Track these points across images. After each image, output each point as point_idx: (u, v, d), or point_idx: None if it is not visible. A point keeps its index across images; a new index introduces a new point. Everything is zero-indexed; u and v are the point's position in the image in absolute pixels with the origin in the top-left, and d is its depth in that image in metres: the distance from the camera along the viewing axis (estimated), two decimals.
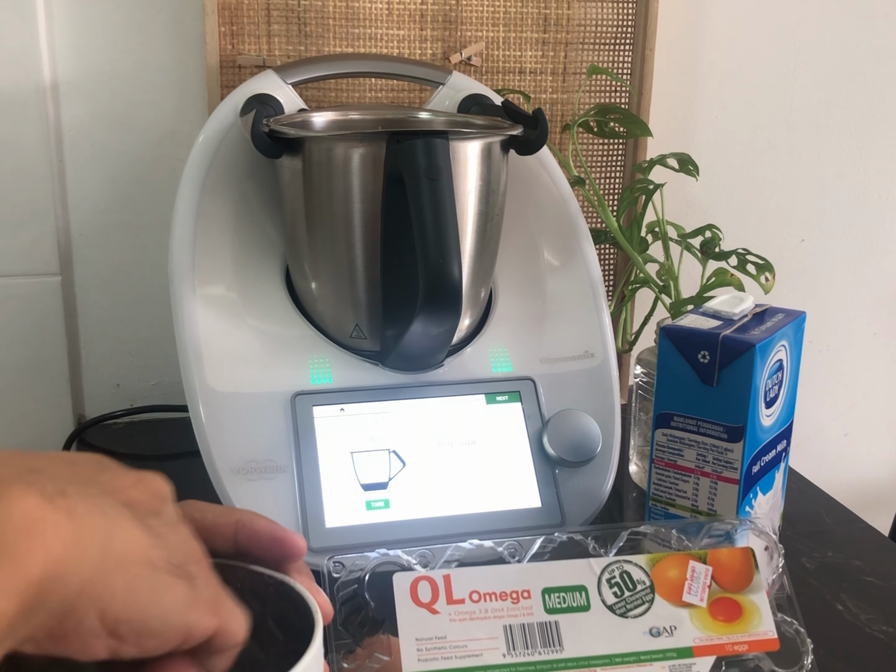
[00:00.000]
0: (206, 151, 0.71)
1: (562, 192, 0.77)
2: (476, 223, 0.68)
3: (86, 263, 0.90)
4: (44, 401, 0.91)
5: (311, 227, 0.68)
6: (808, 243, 1.10)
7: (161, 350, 0.93)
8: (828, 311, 1.12)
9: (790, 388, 0.63)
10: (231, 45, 0.84)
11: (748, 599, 0.51)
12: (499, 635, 0.48)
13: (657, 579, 0.51)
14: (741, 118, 1.04)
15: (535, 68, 0.92)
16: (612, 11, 0.92)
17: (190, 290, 0.68)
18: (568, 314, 0.75)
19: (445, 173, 0.60)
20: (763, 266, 0.77)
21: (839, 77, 1.05)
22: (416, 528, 0.64)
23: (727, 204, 1.06)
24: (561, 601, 0.50)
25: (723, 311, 0.61)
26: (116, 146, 0.88)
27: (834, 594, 0.67)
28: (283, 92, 0.75)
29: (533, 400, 0.71)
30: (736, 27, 1.01)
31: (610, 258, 0.98)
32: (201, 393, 0.66)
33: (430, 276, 0.59)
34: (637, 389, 0.80)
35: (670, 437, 0.60)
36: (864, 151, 1.08)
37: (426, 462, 0.67)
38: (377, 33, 0.88)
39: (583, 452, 0.68)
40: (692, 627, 0.50)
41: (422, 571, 0.50)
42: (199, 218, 0.70)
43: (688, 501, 0.61)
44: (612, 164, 0.96)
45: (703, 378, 0.58)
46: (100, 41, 0.86)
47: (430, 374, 0.70)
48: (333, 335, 0.71)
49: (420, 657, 0.47)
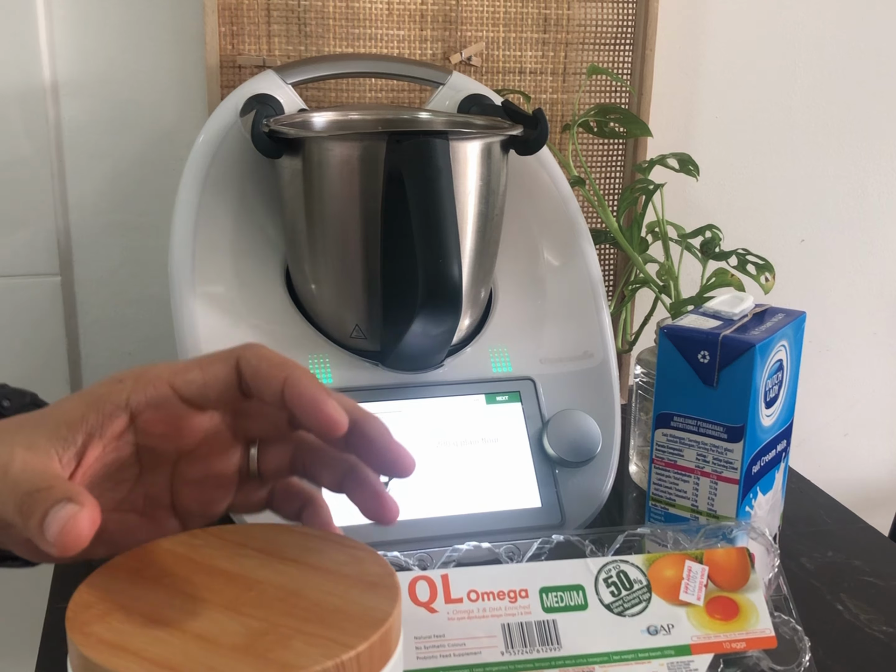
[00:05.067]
0: (206, 151, 0.71)
1: (562, 192, 0.77)
2: (476, 223, 0.68)
3: (86, 263, 0.91)
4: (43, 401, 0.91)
5: (311, 227, 0.68)
6: (808, 243, 1.10)
7: (161, 350, 0.93)
8: (828, 311, 1.12)
9: (790, 388, 0.63)
10: (231, 45, 0.84)
11: (745, 598, 0.51)
12: (497, 634, 0.48)
13: (654, 579, 0.51)
14: (741, 118, 1.04)
15: (535, 68, 0.92)
16: (612, 11, 0.92)
17: (190, 290, 0.68)
18: (568, 314, 0.75)
19: (445, 173, 0.61)
20: (763, 266, 0.77)
21: (839, 77, 1.05)
22: (415, 528, 0.64)
23: (727, 204, 1.06)
24: (558, 600, 0.50)
25: (723, 311, 0.61)
26: (116, 146, 0.89)
27: (834, 594, 0.67)
28: (283, 92, 0.75)
29: (533, 400, 0.71)
30: (736, 27, 1.01)
31: (610, 258, 0.98)
32: None
33: (430, 276, 0.59)
34: (637, 389, 0.80)
35: (670, 437, 0.61)
36: (864, 151, 1.08)
37: (426, 462, 0.67)
38: (377, 33, 0.88)
39: (583, 452, 0.69)
40: (689, 626, 0.50)
41: (420, 571, 0.50)
42: (199, 218, 0.70)
43: (688, 501, 0.61)
44: (612, 164, 0.96)
45: (703, 378, 0.58)
46: (100, 41, 0.86)
47: (430, 374, 0.70)
48: (333, 335, 0.71)
49: (419, 655, 0.47)
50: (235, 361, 0.38)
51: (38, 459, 0.35)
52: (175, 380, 0.38)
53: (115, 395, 0.38)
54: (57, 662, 0.49)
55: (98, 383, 0.39)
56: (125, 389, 0.38)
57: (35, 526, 0.33)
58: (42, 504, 0.33)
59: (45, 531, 0.32)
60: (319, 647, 0.31)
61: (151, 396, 0.38)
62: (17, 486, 0.34)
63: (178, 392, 0.38)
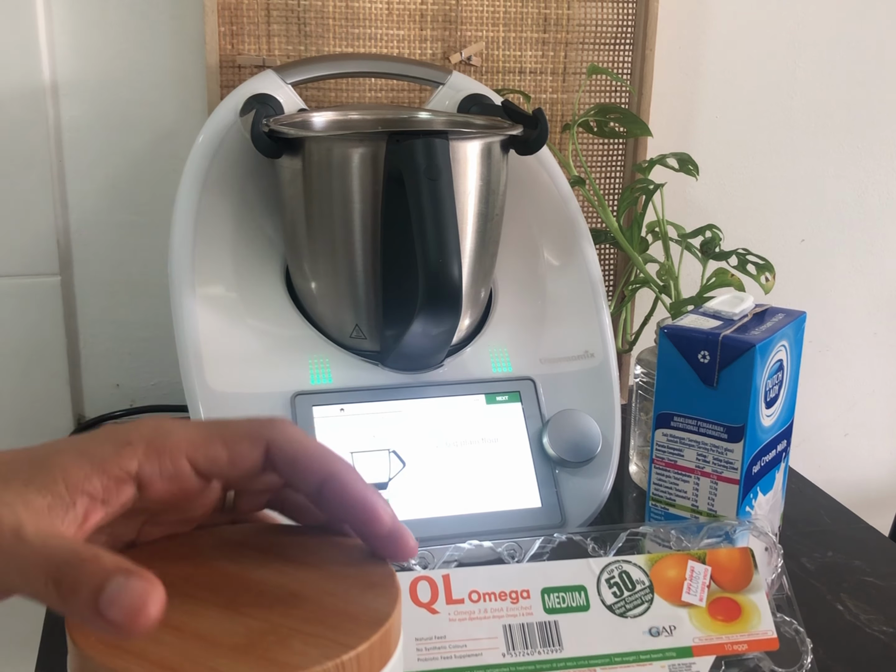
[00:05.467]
0: (206, 151, 0.71)
1: (562, 192, 0.77)
2: (476, 223, 0.68)
3: (86, 263, 0.90)
4: (44, 401, 0.91)
5: (310, 227, 0.68)
6: (808, 243, 1.10)
7: (161, 350, 0.93)
8: (828, 311, 1.12)
9: (790, 389, 0.63)
10: (231, 45, 0.84)
11: (747, 599, 0.51)
12: (498, 635, 0.48)
13: (656, 579, 0.51)
14: (741, 118, 1.04)
15: (535, 68, 0.92)
16: (612, 11, 0.92)
17: (190, 290, 0.68)
18: (568, 314, 0.75)
19: (445, 173, 0.60)
20: (763, 266, 0.77)
21: (839, 77, 1.05)
22: (416, 528, 0.63)
23: (727, 204, 1.06)
24: (560, 601, 0.50)
25: (723, 311, 0.61)
26: (116, 146, 0.88)
27: (834, 594, 0.67)
28: (283, 92, 0.75)
29: (533, 400, 0.71)
30: (736, 27, 1.01)
31: (610, 258, 0.98)
32: (201, 393, 0.66)
33: (430, 276, 0.59)
34: (637, 389, 0.80)
35: (670, 437, 0.60)
36: (863, 151, 1.08)
37: (426, 462, 0.67)
38: (377, 33, 0.88)
39: (583, 452, 0.68)
40: (691, 627, 0.50)
41: (421, 571, 0.50)
42: (199, 218, 0.70)
43: (688, 502, 0.61)
44: (612, 164, 0.96)
45: (703, 378, 0.58)
46: (100, 41, 0.86)
47: (430, 374, 0.70)
48: (333, 335, 0.71)
49: (420, 657, 0.47)
50: (265, 445, 0.35)
51: (47, 522, 0.31)
52: (195, 454, 0.35)
53: (124, 461, 0.33)
54: (57, 662, 0.49)
55: (100, 437, 0.34)
56: (135, 455, 0.34)
57: (83, 602, 0.29)
58: (91, 578, 0.29)
59: (104, 610, 0.28)
60: (319, 648, 0.31)
61: (166, 470, 0.34)
62: (43, 554, 0.30)
63: (195, 467, 0.35)
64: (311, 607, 0.33)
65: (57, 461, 0.33)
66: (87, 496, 0.33)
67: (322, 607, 0.33)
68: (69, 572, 0.29)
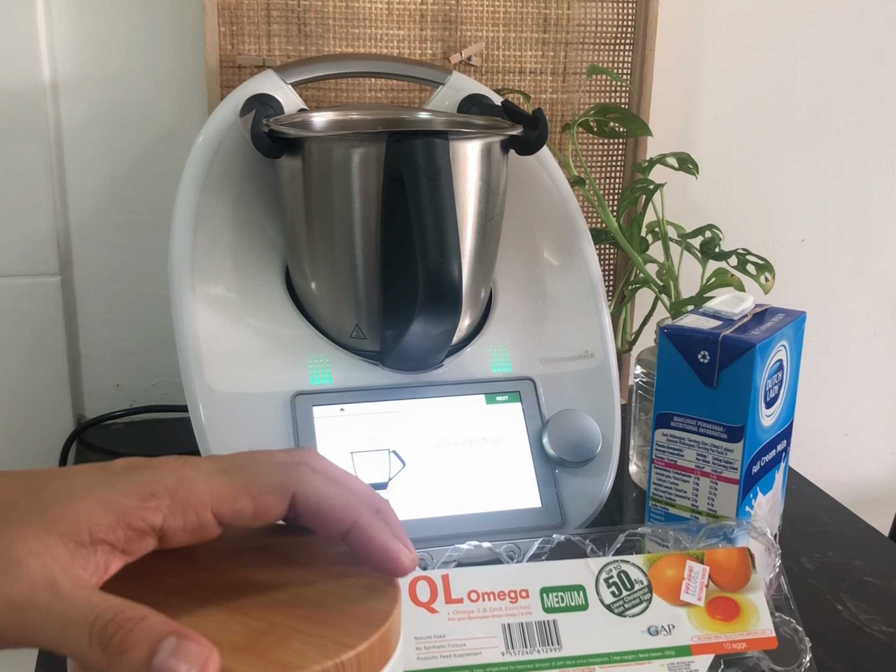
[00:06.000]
0: (206, 151, 0.71)
1: (562, 192, 0.77)
2: (476, 223, 0.68)
3: (86, 263, 0.91)
4: (43, 401, 0.91)
5: (310, 227, 0.68)
6: (808, 243, 1.10)
7: (161, 350, 0.93)
8: (828, 311, 1.12)
9: (790, 388, 0.63)
10: (231, 45, 0.84)
11: (746, 598, 0.51)
12: (497, 634, 0.48)
13: (655, 579, 0.51)
14: (741, 118, 1.04)
15: (535, 68, 0.92)
16: (612, 11, 0.92)
17: (190, 290, 0.68)
18: (568, 314, 0.75)
19: (445, 173, 0.61)
20: (763, 266, 0.77)
21: (839, 77, 1.05)
22: (416, 528, 0.64)
23: (727, 204, 1.06)
24: (559, 600, 0.50)
25: (723, 311, 0.61)
26: (116, 146, 0.88)
27: (834, 594, 0.67)
28: (283, 92, 0.75)
29: (533, 400, 0.71)
30: (736, 27, 1.01)
31: (610, 258, 0.98)
32: (201, 393, 0.66)
33: (430, 276, 0.59)
34: (637, 389, 0.80)
35: (670, 437, 0.61)
36: (863, 151, 1.08)
37: (426, 462, 0.67)
38: (377, 33, 0.88)
39: (583, 452, 0.69)
40: (690, 626, 0.50)
41: (420, 571, 0.50)
42: (199, 218, 0.70)
43: (688, 501, 0.61)
44: (612, 164, 0.96)
45: (703, 378, 0.58)
46: (100, 41, 0.86)
47: (429, 374, 0.70)
48: (333, 335, 0.71)
49: (419, 656, 0.47)
50: (291, 497, 0.35)
51: (75, 573, 0.31)
52: (220, 508, 0.34)
53: (149, 515, 0.33)
54: (57, 662, 0.49)
55: (122, 484, 0.34)
56: (160, 509, 0.33)
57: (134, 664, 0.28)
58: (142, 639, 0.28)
59: None
60: (319, 647, 0.31)
61: (190, 524, 0.34)
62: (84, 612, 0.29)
63: (220, 520, 0.34)
64: (311, 607, 0.33)
65: (80, 509, 0.32)
66: (108, 545, 0.32)
67: (322, 607, 0.33)
68: (117, 633, 0.29)
